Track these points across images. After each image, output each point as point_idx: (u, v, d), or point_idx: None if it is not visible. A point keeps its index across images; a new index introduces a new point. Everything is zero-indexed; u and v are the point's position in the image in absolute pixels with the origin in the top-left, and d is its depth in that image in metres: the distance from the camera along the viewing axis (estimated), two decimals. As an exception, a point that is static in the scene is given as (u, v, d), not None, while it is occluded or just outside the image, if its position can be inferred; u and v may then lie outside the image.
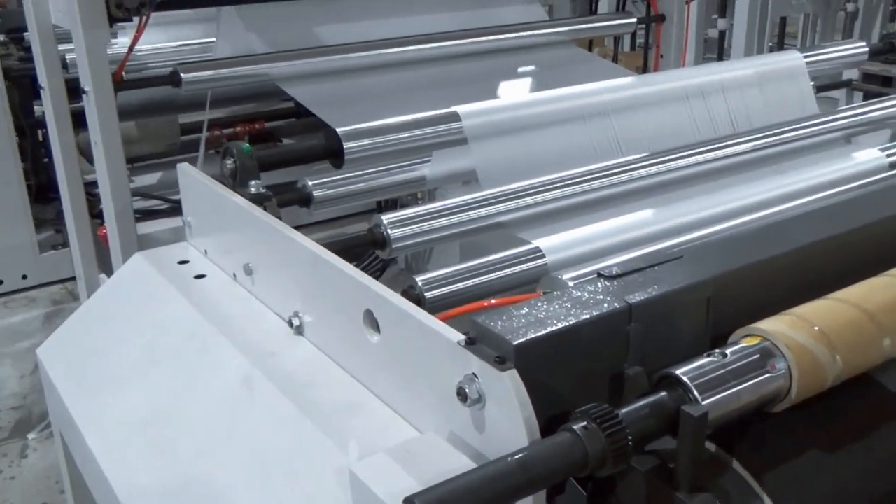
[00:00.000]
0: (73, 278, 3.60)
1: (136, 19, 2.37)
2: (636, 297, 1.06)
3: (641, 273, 1.14)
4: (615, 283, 1.11)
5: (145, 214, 2.92)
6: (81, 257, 3.02)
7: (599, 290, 1.09)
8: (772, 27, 6.71)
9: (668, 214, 1.84)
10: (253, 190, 1.62)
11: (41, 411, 2.96)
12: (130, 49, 2.44)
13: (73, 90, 2.74)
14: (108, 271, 2.90)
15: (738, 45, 6.53)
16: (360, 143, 1.86)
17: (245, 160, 1.65)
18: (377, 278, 2.17)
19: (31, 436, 2.87)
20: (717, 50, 7.43)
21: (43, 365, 1.70)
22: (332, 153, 1.84)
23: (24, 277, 3.80)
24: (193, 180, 1.72)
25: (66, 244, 3.84)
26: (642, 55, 3.87)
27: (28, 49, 3.66)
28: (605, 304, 1.05)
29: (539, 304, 1.06)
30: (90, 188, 2.98)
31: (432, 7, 3.06)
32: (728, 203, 1.87)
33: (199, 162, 2.74)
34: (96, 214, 3.12)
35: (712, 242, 1.41)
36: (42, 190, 4.00)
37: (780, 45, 7.16)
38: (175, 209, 3.60)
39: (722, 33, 7.37)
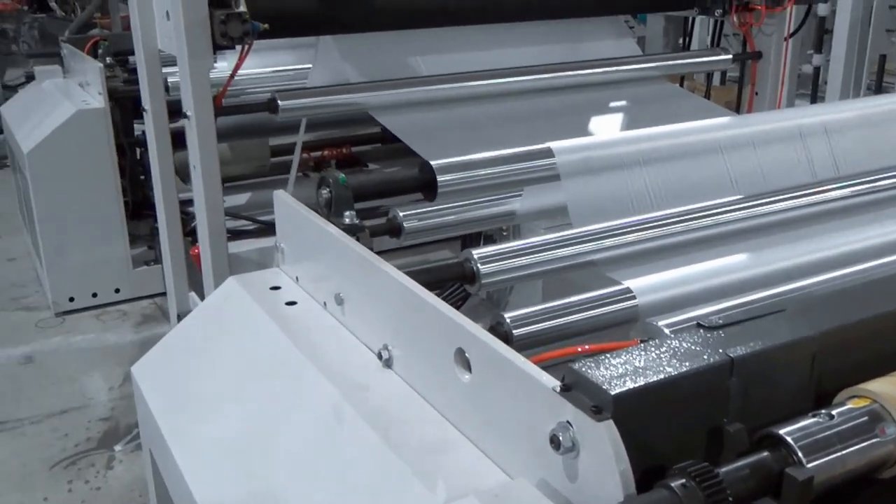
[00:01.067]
0: (163, 294, 3.71)
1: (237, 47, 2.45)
2: (738, 351, 1.03)
3: (743, 325, 1.10)
4: (716, 334, 1.08)
5: (234, 234, 2.99)
6: (173, 274, 3.11)
7: (699, 342, 1.06)
8: (870, 64, 6.51)
9: (764, 260, 1.80)
10: (347, 220, 1.64)
11: (128, 423, 3.04)
12: (232, 76, 2.51)
13: (172, 112, 2.85)
14: (198, 289, 2.97)
15: (834, 83, 6.35)
16: (453, 177, 1.87)
17: (340, 191, 1.68)
18: (459, 307, 2.18)
19: (117, 448, 2.95)
20: (812, 87, 7.25)
21: (137, 382, 1.75)
22: (426, 185, 1.85)
23: (117, 291, 3.92)
24: (289, 208, 1.75)
25: (157, 260, 3.96)
26: (735, 90, 3.80)
27: (132, 71, 3.80)
28: (706, 357, 1.02)
29: (636, 352, 1.04)
30: (183, 206, 3.08)
31: (525, 40, 3.07)
32: (828, 250, 1.81)
33: (290, 185, 2.79)
34: (188, 233, 3.22)
35: (816, 296, 1.37)
36: (137, 207, 4.13)
37: (878, 84, 6.93)
38: (263, 230, 3.70)
39: (817, 69, 7.19)
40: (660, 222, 1.83)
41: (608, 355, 1.03)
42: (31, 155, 3.64)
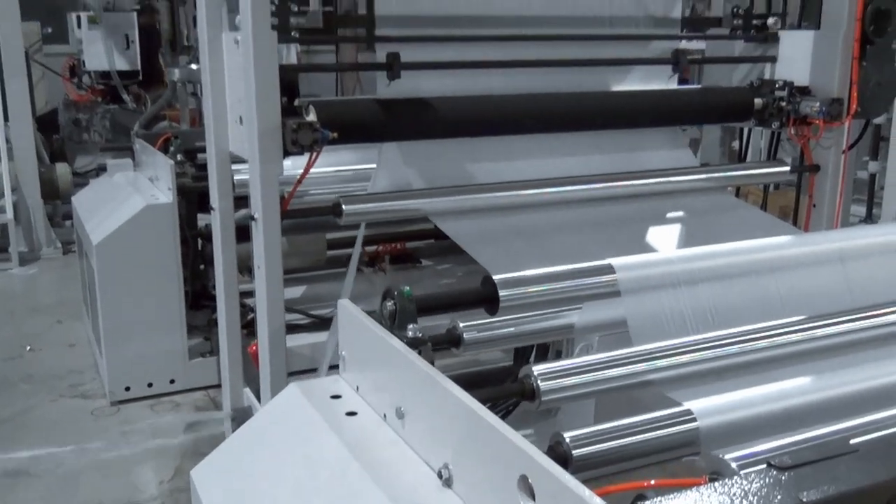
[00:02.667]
0: (217, 385, 3.75)
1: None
2: (811, 495, 1.02)
3: (814, 466, 1.09)
4: (787, 475, 1.07)
5: (289, 328, 3.03)
6: (229, 368, 3.15)
7: (771, 483, 1.05)
8: (927, 172, 6.47)
9: (827, 384, 1.77)
10: (410, 334, 1.67)
11: (177, 518, 3.05)
12: (299, 181, 2.59)
13: (237, 205, 2.95)
14: (253, 384, 3.01)
15: (891, 192, 6.31)
16: (514, 292, 1.89)
17: (405, 304, 1.71)
18: (511, 412, 2.17)
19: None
20: (868, 193, 7.21)
21: (195, 486, 1.76)
22: (488, 300, 1.87)
23: (172, 382, 3.97)
24: (352, 318, 1.78)
25: (213, 352, 4.01)
26: (790, 195, 3.79)
27: (200, 167, 3.94)
28: (778, 500, 1.01)
29: (706, 492, 1.03)
30: (241, 298, 3.15)
31: (582, 149, 3.12)
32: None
33: (347, 290, 2.83)
34: (245, 325, 3.28)
35: (891, 437, 1.34)
36: (196, 297, 4.22)
37: (937, 192, 6.85)
38: (318, 325, 3.75)
39: (873, 176, 7.15)
40: (720, 342, 1.82)
41: (678, 495, 1.02)
42: (99, 246, 3.76)
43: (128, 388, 3.91)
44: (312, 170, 2.56)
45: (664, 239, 2.85)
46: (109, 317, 3.83)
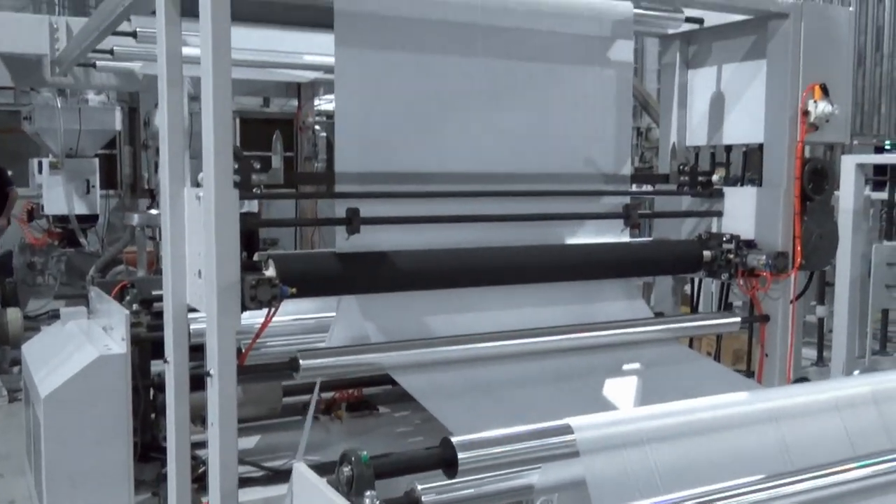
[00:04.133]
0: (164, 544, 3.57)
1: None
2: None
3: None
4: None
5: (242, 481, 2.94)
6: (178, 527, 3.02)
7: None
8: (874, 312, 6.67)
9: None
10: (367, 502, 1.63)
11: None
12: (257, 336, 2.59)
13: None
14: (204, 542, 2.88)
15: (839, 336, 6.46)
16: (473, 454, 1.88)
17: (362, 469, 1.68)
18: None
19: None
20: (818, 336, 7.37)
21: None
22: (447, 463, 1.85)
23: (116, 540, 3.79)
24: (308, 484, 1.74)
25: (160, 508, 3.85)
26: (742, 338, 3.85)
27: (155, 315, 3.89)
28: None
29: None
30: (193, 449, 3.05)
31: (540, 301, 3.17)
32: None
33: (301, 450, 2.77)
34: (196, 478, 3.17)
35: None
36: (145, 449, 4.08)
37: (883, 339, 7.07)
38: (272, 478, 3.64)
39: (821, 320, 7.33)
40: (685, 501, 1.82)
41: None
42: (48, 399, 3.65)
43: (69, 548, 3.71)
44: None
45: (622, 392, 2.87)
46: (53, 472, 3.67)
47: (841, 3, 21.37)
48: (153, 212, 6.98)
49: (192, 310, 2.80)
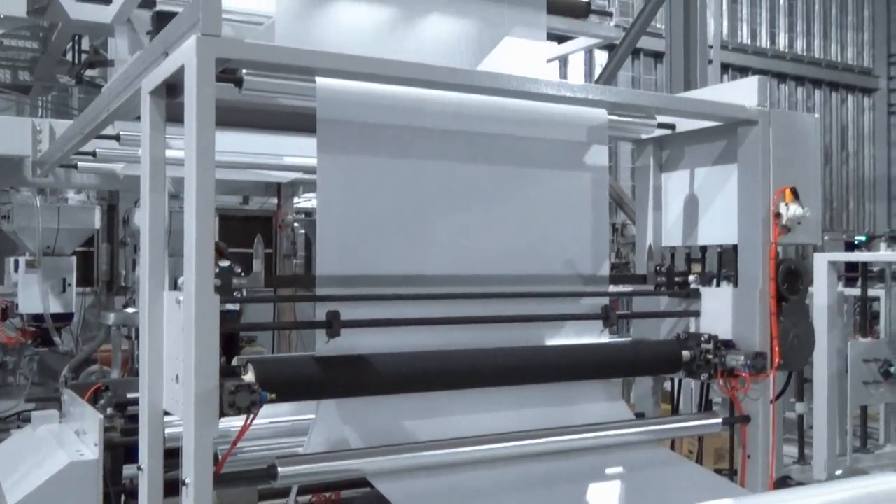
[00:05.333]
0: None
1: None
2: None
3: None
4: None
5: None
6: None
7: None
8: (853, 411, 6.67)
9: None
10: None
11: None
12: (234, 443, 2.54)
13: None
14: None
15: (819, 433, 6.45)
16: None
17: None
18: None
19: None
20: (798, 433, 7.33)
21: None
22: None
23: None
24: None
25: None
26: (724, 437, 3.82)
27: (129, 418, 3.82)
28: None
29: None
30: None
31: (521, 403, 3.16)
32: None
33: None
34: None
35: None
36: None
37: (863, 434, 7.06)
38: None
39: (801, 417, 7.32)
40: None
41: None
42: (15, 508, 3.56)
43: None
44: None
45: (604, 498, 2.83)
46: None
47: (806, 109, 22.19)
48: (129, 310, 6.95)
49: (169, 414, 2.76)
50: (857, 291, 7.65)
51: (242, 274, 2.73)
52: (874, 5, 24.11)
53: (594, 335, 3.40)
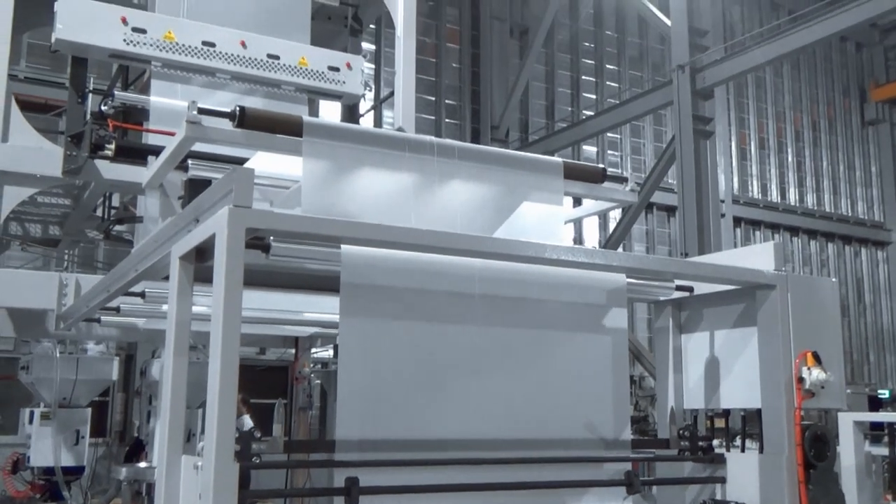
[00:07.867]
0: None
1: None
2: None
3: None
4: None
5: None
6: None
7: None
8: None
9: None
10: None
11: None
12: None
13: None
14: None
15: None
16: None
17: None
18: None
19: None
20: None
21: None
22: None
23: None
24: None
25: None
26: None
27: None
28: None
29: None
30: None
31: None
32: None
33: None
34: None
35: None
36: None
37: None
38: None
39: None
40: None
41: None
42: None
43: None
44: None
45: None
46: None
47: (819, 262, 22.28)
48: (142, 465, 6.83)
49: None
50: (884, 450, 7.45)
51: (260, 437, 2.70)
52: (881, 161, 24.67)
53: (617, 502, 3.31)
